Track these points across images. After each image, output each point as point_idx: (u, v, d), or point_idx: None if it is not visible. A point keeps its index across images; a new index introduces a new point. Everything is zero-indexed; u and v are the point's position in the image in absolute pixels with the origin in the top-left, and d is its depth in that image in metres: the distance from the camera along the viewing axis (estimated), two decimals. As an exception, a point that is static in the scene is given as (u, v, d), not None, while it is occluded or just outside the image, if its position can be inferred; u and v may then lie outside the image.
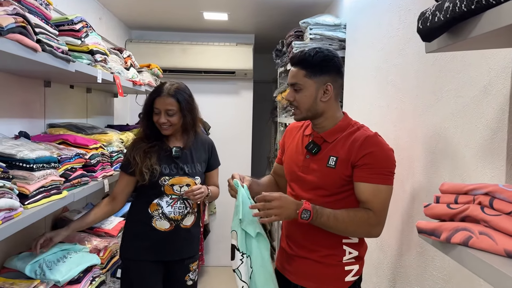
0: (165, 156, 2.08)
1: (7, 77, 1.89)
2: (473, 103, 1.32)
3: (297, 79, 1.57)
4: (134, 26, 4.30)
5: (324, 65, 1.55)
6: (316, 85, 1.55)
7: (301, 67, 1.56)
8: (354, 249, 1.61)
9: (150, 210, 2.06)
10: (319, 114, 1.60)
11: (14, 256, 1.88)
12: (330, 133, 1.61)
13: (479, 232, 0.83)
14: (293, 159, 1.69)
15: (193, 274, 2.20)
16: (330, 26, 2.85)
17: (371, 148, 1.50)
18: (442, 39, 0.93)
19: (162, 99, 2.03)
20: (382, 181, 1.49)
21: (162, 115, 2.03)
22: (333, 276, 1.60)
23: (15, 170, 1.41)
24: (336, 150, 1.56)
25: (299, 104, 1.58)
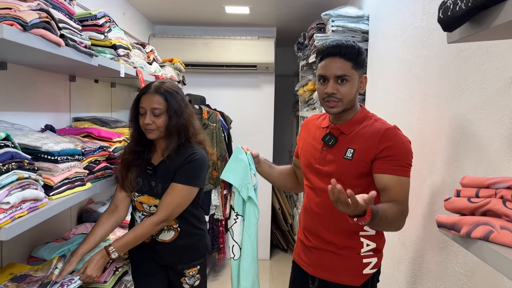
0: (144, 170, 1.94)
1: (34, 72, 1.94)
2: (498, 95, 1.28)
3: (345, 70, 1.53)
4: (157, 21, 4.35)
5: (362, 58, 1.57)
6: (358, 77, 1.57)
7: (347, 59, 1.53)
8: (371, 241, 1.61)
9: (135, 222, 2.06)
10: (352, 106, 1.61)
11: (41, 246, 1.94)
12: (348, 125, 1.60)
13: (500, 226, 0.81)
14: (310, 151, 1.70)
15: (190, 279, 2.07)
16: (353, 18, 2.81)
17: (392, 141, 1.51)
18: (464, 29, 0.91)
19: (148, 97, 1.84)
20: (404, 173, 1.51)
21: (147, 115, 1.82)
22: (351, 268, 1.60)
23: (40, 162, 1.45)
24: (354, 142, 1.56)
25: (343, 96, 1.55)
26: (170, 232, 1.99)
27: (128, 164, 1.93)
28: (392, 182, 1.50)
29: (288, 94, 5.30)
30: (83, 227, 2.27)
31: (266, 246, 4.70)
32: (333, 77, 1.54)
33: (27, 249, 1.93)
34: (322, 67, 1.58)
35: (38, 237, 2.02)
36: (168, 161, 1.90)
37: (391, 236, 2.19)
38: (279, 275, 4.27)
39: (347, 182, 1.55)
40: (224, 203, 4.14)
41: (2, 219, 1.12)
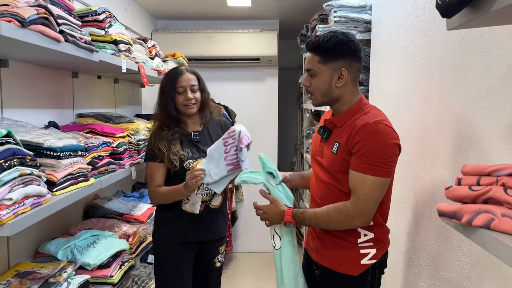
0: (186, 141, 2.10)
1: (36, 69, 1.95)
2: (501, 82, 1.26)
3: (312, 65, 1.57)
4: (159, 15, 4.34)
5: (338, 50, 1.53)
6: (330, 71, 1.54)
7: (316, 53, 1.56)
8: (369, 231, 1.60)
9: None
10: (335, 99, 1.59)
11: (47, 241, 1.96)
12: (340, 118, 1.60)
13: (502, 214, 0.80)
14: (315, 143, 1.73)
15: (221, 256, 2.24)
16: (355, 8, 2.78)
17: (362, 136, 1.47)
18: (462, 15, 0.89)
19: (186, 77, 2.09)
20: (370, 172, 1.46)
21: (188, 92, 2.07)
22: (348, 258, 1.61)
23: (43, 158, 1.46)
24: (341, 135, 1.56)
25: (314, 90, 1.59)
26: (219, 197, 2.15)
27: (168, 139, 2.06)
28: (354, 178, 1.49)
29: (292, 87, 5.27)
30: (89, 223, 2.29)
31: (273, 239, 4.71)
32: (306, 71, 1.61)
33: (34, 245, 1.95)
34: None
35: (45, 233, 2.03)
36: (206, 129, 2.18)
37: (397, 226, 2.18)
38: (286, 268, 4.27)
39: (336, 176, 1.58)
40: (230, 196, 4.15)
41: (5, 215, 1.13)
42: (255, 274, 4.15)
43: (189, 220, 2.07)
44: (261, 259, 4.53)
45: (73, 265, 1.72)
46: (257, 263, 4.44)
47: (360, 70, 1.63)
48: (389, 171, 1.49)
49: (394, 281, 2.24)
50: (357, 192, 1.49)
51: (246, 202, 4.66)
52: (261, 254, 4.64)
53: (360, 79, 2.76)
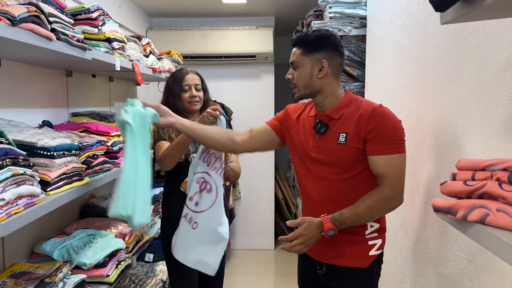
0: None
1: (29, 68, 1.93)
2: (495, 76, 1.26)
3: (295, 57, 1.62)
4: (154, 13, 4.32)
5: (319, 43, 1.59)
6: (312, 62, 1.59)
7: (299, 46, 1.62)
8: (375, 222, 1.63)
9: (183, 188, 2.18)
10: (317, 91, 1.62)
11: (43, 241, 1.95)
12: (335, 110, 1.61)
13: (497, 209, 0.79)
14: (303, 142, 1.69)
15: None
16: (350, 4, 2.77)
17: (376, 122, 1.52)
18: (456, 9, 0.88)
19: (191, 76, 2.26)
20: (394, 151, 1.52)
21: (193, 89, 2.22)
22: (358, 251, 1.62)
23: (36, 158, 1.45)
24: (345, 126, 1.58)
25: (297, 81, 1.63)
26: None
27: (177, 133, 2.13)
28: (382, 163, 1.53)
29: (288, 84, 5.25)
30: (85, 222, 2.28)
31: (270, 236, 4.71)
32: (290, 64, 1.66)
33: (29, 245, 1.94)
34: None
35: (40, 233, 2.02)
36: None
37: (393, 222, 2.18)
38: (284, 265, 4.28)
39: (344, 167, 1.58)
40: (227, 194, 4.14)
41: (-3, 215, 1.12)
42: (253, 272, 4.15)
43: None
44: (259, 256, 4.54)
45: (69, 265, 1.71)
46: (255, 260, 4.44)
47: (342, 65, 1.65)
48: (404, 147, 1.56)
49: (391, 277, 2.24)
50: (388, 174, 1.52)
51: (243, 200, 4.66)
52: (259, 251, 4.64)
53: (356, 74, 2.77)
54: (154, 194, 2.91)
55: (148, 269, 2.84)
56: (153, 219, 2.72)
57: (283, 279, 3.96)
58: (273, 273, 4.16)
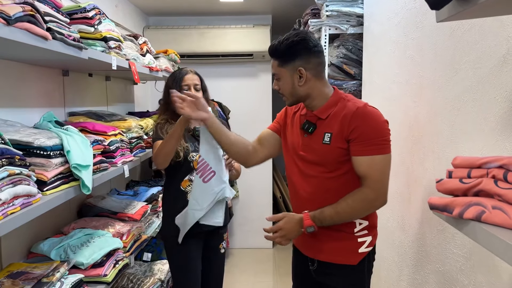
0: (189, 135, 2.28)
1: (25, 67, 1.92)
2: (491, 74, 1.26)
3: (274, 69, 1.63)
4: (151, 12, 4.31)
5: (291, 51, 1.56)
6: (289, 72, 1.59)
7: (275, 58, 1.62)
8: (363, 219, 1.63)
9: (183, 187, 2.21)
10: (303, 97, 1.62)
11: (40, 241, 1.95)
12: (323, 110, 1.60)
13: (492, 206, 0.80)
14: (294, 140, 1.70)
15: (224, 242, 2.41)
16: (347, 2, 2.77)
17: (359, 122, 1.50)
18: (451, 6, 0.89)
19: (191, 76, 2.26)
20: (377, 152, 1.50)
21: (192, 89, 2.23)
22: (347, 248, 1.63)
23: (33, 157, 1.44)
24: (330, 125, 1.57)
25: (282, 91, 1.65)
26: None
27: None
28: (364, 164, 1.51)
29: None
30: (82, 222, 2.27)
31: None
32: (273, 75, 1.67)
33: (26, 245, 1.93)
34: None
35: (37, 233, 2.02)
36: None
37: (390, 220, 2.18)
38: (282, 263, 4.29)
39: (330, 167, 1.58)
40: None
41: (-6, 215, 1.11)
42: (251, 270, 4.15)
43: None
44: (257, 255, 4.54)
45: (66, 264, 1.71)
46: (254, 259, 4.45)
47: (321, 64, 1.62)
48: (390, 146, 1.54)
49: (389, 275, 2.24)
50: (370, 175, 1.51)
51: (241, 198, 4.66)
52: (257, 250, 4.65)
53: (353, 73, 2.77)
54: (152, 193, 2.91)
55: (146, 268, 2.84)
56: (150, 218, 2.72)
57: (281, 277, 3.96)
58: (272, 271, 4.16)
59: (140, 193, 2.90)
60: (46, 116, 1.79)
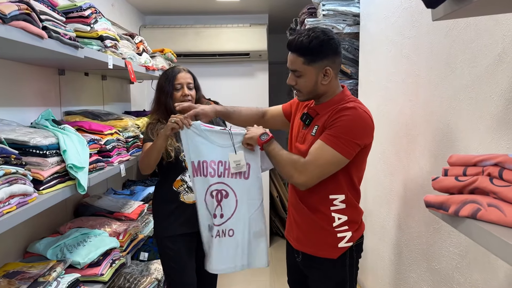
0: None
1: (20, 66, 1.92)
2: (487, 72, 1.27)
3: (297, 66, 1.58)
4: (147, 11, 4.30)
5: (321, 51, 1.54)
6: (316, 70, 1.57)
7: (299, 54, 1.56)
8: (342, 214, 1.63)
9: (175, 187, 2.17)
10: (320, 94, 1.63)
11: (36, 241, 1.94)
12: (323, 107, 1.63)
13: (488, 204, 0.80)
14: (294, 129, 1.76)
15: None
16: (344, 1, 2.78)
17: (339, 116, 1.52)
18: (447, 5, 0.89)
19: (183, 74, 2.23)
20: (330, 143, 1.50)
21: (185, 88, 2.20)
22: (327, 242, 1.65)
23: (29, 156, 1.44)
24: (320, 120, 1.60)
25: (300, 88, 1.62)
26: None
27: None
28: (315, 144, 1.53)
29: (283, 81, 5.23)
30: (79, 221, 2.27)
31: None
32: (290, 70, 1.62)
33: (22, 244, 1.92)
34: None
35: (34, 232, 2.01)
36: None
37: (387, 218, 2.19)
38: (279, 262, 4.29)
39: None
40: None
41: (-11, 215, 1.11)
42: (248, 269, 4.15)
43: (189, 210, 2.13)
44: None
45: (63, 264, 1.70)
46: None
47: (341, 63, 1.67)
48: (349, 152, 1.51)
49: (385, 273, 2.25)
50: (311, 155, 1.53)
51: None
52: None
53: (350, 72, 2.78)
54: (148, 193, 2.90)
55: (143, 267, 2.84)
56: (147, 217, 2.72)
57: (278, 276, 3.97)
58: (268, 270, 4.16)
59: (137, 193, 2.90)
60: (44, 114, 1.78)
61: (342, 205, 1.63)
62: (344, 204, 1.63)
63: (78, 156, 1.61)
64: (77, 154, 1.61)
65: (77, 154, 1.61)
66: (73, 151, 1.59)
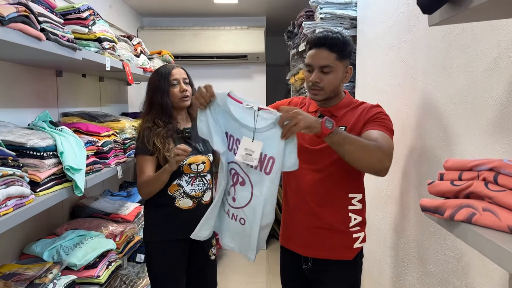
0: (178, 138, 2.09)
1: (18, 68, 1.92)
2: (483, 77, 1.28)
3: (329, 61, 1.57)
4: (145, 13, 4.30)
5: (349, 49, 1.61)
6: (343, 68, 1.62)
7: (332, 50, 1.56)
8: (357, 215, 1.67)
9: (170, 192, 2.06)
10: (337, 94, 1.67)
11: (33, 242, 1.94)
12: (337, 108, 1.66)
13: (483, 208, 0.81)
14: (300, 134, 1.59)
15: (214, 248, 2.26)
16: (341, 5, 2.79)
17: (380, 110, 1.61)
18: (443, 11, 0.90)
19: (178, 70, 2.15)
20: (389, 133, 1.54)
21: (181, 83, 2.12)
22: (343, 244, 1.66)
23: (26, 158, 1.44)
24: (344, 121, 1.62)
25: (325, 85, 1.59)
26: (209, 192, 2.17)
27: (163, 136, 2.04)
28: (377, 134, 1.49)
29: (280, 84, 5.27)
30: (75, 223, 2.27)
31: (262, 236, 4.71)
32: (318, 67, 1.58)
33: (19, 246, 1.92)
34: (309, 57, 1.62)
35: (30, 234, 2.01)
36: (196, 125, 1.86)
37: (383, 221, 2.20)
38: (276, 264, 4.27)
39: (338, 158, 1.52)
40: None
41: (-14, 216, 1.11)
42: (244, 271, 4.15)
43: (182, 217, 2.06)
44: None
45: (59, 265, 1.70)
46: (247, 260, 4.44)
47: None
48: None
49: (381, 276, 2.25)
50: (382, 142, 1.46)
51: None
52: (251, 251, 4.64)
53: (347, 75, 2.79)
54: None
55: (139, 269, 2.83)
56: (144, 219, 2.71)
57: (274, 278, 3.97)
58: (265, 272, 4.16)
59: (134, 194, 2.90)
60: (41, 116, 1.78)
61: (359, 205, 1.66)
62: (360, 204, 1.67)
63: (75, 157, 1.61)
64: (74, 156, 1.61)
65: (74, 155, 1.61)
66: (70, 153, 1.59)
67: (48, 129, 1.69)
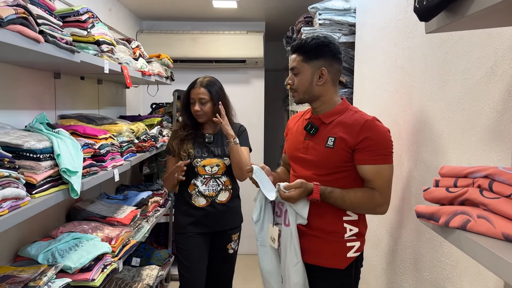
0: (199, 142, 2.40)
1: (16, 69, 1.92)
2: (479, 85, 1.28)
3: (295, 63, 1.68)
4: (144, 16, 4.31)
5: (318, 50, 1.65)
6: (312, 69, 1.66)
7: (299, 53, 1.68)
8: (354, 226, 1.69)
9: (189, 190, 2.38)
10: (315, 97, 1.69)
11: (27, 245, 1.93)
12: (328, 115, 1.69)
13: (478, 215, 0.81)
14: (294, 142, 1.78)
15: (234, 243, 2.52)
16: (340, 11, 2.80)
17: (370, 132, 1.59)
18: (440, 18, 0.90)
19: (196, 90, 2.36)
20: (383, 161, 1.59)
21: (196, 104, 2.34)
22: (336, 252, 1.67)
23: (22, 160, 1.43)
24: (334, 131, 1.64)
25: (297, 87, 1.70)
26: (226, 193, 2.42)
27: (182, 138, 2.39)
28: (371, 172, 1.60)
29: (278, 89, 5.28)
30: (71, 225, 2.26)
31: (259, 241, 4.70)
32: (290, 70, 1.74)
33: (13, 248, 1.91)
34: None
35: (25, 236, 2.00)
36: (220, 132, 2.41)
37: (379, 227, 2.20)
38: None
39: (332, 168, 1.65)
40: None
41: (-19, 218, 1.10)
42: (241, 276, 4.14)
43: (200, 213, 2.37)
44: (247, 261, 4.52)
45: (54, 268, 1.69)
46: (243, 264, 4.42)
47: (340, 72, 1.73)
48: (392, 157, 1.64)
49: (377, 282, 2.25)
50: (378, 182, 1.59)
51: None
52: (247, 256, 4.63)
53: (345, 81, 2.80)
54: (142, 198, 2.89)
55: (134, 273, 2.82)
56: (140, 223, 2.71)
57: (270, 284, 3.95)
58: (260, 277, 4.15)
59: (130, 198, 2.89)
60: (39, 118, 1.78)
61: (354, 216, 1.69)
62: (356, 215, 1.69)
63: (72, 160, 1.61)
64: (70, 158, 1.61)
65: (71, 158, 1.61)
66: (67, 155, 1.59)
67: (45, 131, 1.69)
